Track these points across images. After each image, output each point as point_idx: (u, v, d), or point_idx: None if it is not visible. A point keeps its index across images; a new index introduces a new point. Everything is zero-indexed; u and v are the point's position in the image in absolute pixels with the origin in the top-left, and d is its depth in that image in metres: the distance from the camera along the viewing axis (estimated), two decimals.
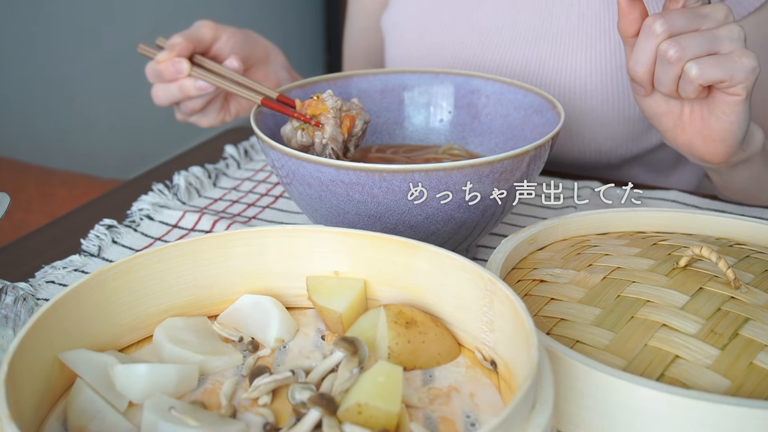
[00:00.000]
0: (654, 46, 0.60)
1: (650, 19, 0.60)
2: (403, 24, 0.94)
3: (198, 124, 0.83)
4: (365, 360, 0.45)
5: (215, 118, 0.82)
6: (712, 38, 0.59)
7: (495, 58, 0.87)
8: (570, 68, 0.84)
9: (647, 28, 0.60)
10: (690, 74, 0.59)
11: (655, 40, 0.60)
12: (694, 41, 0.59)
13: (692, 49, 0.59)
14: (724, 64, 0.59)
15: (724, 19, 0.60)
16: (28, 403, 0.40)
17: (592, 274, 0.52)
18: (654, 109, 0.66)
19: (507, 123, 0.74)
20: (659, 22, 0.59)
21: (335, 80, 0.76)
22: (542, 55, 0.85)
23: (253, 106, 0.68)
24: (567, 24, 0.84)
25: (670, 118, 0.66)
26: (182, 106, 0.79)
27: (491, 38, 0.87)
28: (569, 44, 0.84)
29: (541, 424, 0.36)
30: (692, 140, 0.66)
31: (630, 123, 0.85)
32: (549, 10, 0.85)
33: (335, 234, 0.51)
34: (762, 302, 0.48)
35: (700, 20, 0.59)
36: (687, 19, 0.59)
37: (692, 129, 0.65)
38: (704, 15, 0.60)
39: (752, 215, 0.74)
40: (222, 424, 0.41)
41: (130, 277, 0.48)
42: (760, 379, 0.42)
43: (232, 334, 0.50)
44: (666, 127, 0.67)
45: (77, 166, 1.72)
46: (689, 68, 0.59)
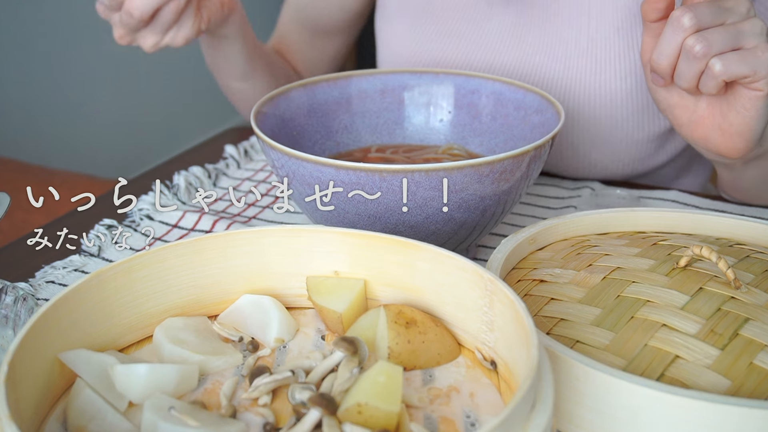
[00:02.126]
0: (681, 40, 0.59)
1: (678, 12, 0.59)
2: (404, 33, 0.91)
3: (173, 43, 0.78)
4: (365, 360, 0.45)
5: (191, 28, 0.77)
6: (736, 33, 0.59)
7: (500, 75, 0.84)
8: (579, 92, 0.82)
9: (675, 21, 0.59)
10: (714, 70, 0.59)
11: (682, 35, 0.59)
12: (720, 37, 0.58)
13: (718, 45, 0.58)
14: (748, 59, 0.58)
15: (747, 13, 0.60)
16: (28, 403, 0.40)
17: (592, 274, 0.52)
18: (668, 101, 0.66)
19: (507, 123, 0.74)
20: (688, 16, 0.58)
21: (335, 80, 0.76)
22: (549, 77, 0.83)
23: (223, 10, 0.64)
24: (576, 48, 0.82)
25: (684, 112, 0.65)
26: (161, 17, 0.74)
27: (496, 57, 0.85)
28: (578, 68, 0.82)
29: (541, 424, 0.36)
30: (709, 135, 0.65)
31: (638, 146, 0.84)
32: (557, 34, 0.82)
33: (335, 234, 0.51)
34: (762, 302, 0.48)
35: (725, 14, 0.59)
36: (713, 14, 0.59)
37: (710, 123, 0.65)
38: (728, 9, 0.59)
39: (752, 215, 0.74)
40: (222, 424, 0.41)
41: (130, 277, 0.48)
42: (760, 379, 0.42)
43: (232, 334, 0.50)
44: (680, 121, 0.66)
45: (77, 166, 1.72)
46: (713, 64, 0.58)
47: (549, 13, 0.82)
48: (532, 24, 0.83)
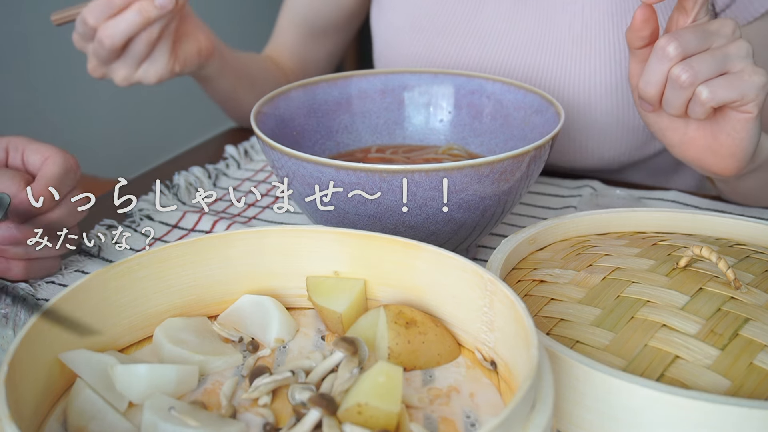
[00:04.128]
0: (666, 69, 0.59)
1: (663, 41, 0.58)
2: (398, 25, 0.92)
3: (145, 80, 0.77)
4: (365, 360, 0.45)
5: (164, 66, 0.76)
6: (722, 58, 0.58)
7: (494, 65, 0.85)
8: (573, 79, 0.82)
9: (660, 51, 0.58)
10: (701, 97, 0.58)
11: (668, 64, 0.58)
12: (706, 63, 0.58)
13: (704, 73, 0.58)
14: (735, 84, 0.58)
15: (732, 34, 0.59)
16: (28, 403, 0.40)
17: (592, 275, 0.52)
18: (658, 124, 0.65)
19: (507, 123, 0.74)
20: (673, 45, 0.58)
21: (335, 80, 0.76)
22: (544, 64, 0.83)
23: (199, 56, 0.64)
24: (570, 34, 0.82)
25: (675, 134, 0.65)
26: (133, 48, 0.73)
27: (491, 45, 0.85)
28: (572, 54, 0.82)
29: (541, 424, 0.36)
30: (701, 155, 0.65)
31: (634, 132, 0.84)
32: (551, 20, 0.83)
33: (335, 234, 0.51)
34: (762, 302, 0.48)
35: (710, 38, 0.58)
36: (698, 39, 0.58)
37: (701, 144, 0.64)
38: (713, 32, 0.59)
39: (752, 215, 0.74)
40: (222, 424, 0.41)
41: (130, 277, 0.48)
42: (760, 379, 0.42)
43: (232, 334, 0.50)
44: (672, 143, 0.66)
45: None
46: (700, 91, 0.58)
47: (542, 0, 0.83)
48: (525, 11, 0.84)
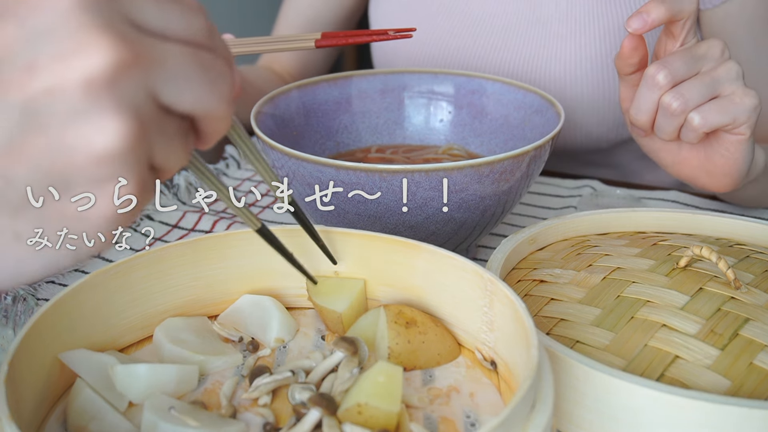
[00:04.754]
0: (657, 97, 0.59)
1: (653, 70, 0.58)
2: (394, 14, 0.94)
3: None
4: (365, 360, 0.45)
5: None
6: (711, 82, 0.58)
7: (486, 46, 0.87)
8: (560, 55, 0.84)
9: (650, 80, 0.59)
10: (693, 124, 0.58)
11: (658, 92, 0.59)
12: (696, 89, 0.58)
13: (695, 99, 0.58)
14: (726, 107, 0.58)
15: (721, 56, 0.59)
16: (28, 403, 0.40)
17: (592, 275, 0.52)
18: (651, 146, 0.66)
19: (507, 123, 0.74)
20: (662, 73, 0.58)
21: (335, 80, 0.76)
22: (533, 42, 0.85)
23: None
24: (556, 10, 0.84)
25: (668, 155, 0.65)
26: None
27: (482, 26, 0.88)
28: (558, 31, 0.84)
29: (541, 424, 0.36)
30: (696, 174, 0.65)
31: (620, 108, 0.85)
32: None
33: (335, 234, 0.51)
34: (762, 302, 0.48)
35: (699, 62, 0.59)
36: (687, 65, 0.58)
37: (695, 164, 0.65)
38: (702, 56, 0.59)
39: (752, 215, 0.74)
40: (222, 424, 0.41)
41: (130, 277, 0.48)
42: (760, 379, 0.42)
43: (232, 334, 0.50)
44: (666, 163, 0.66)
45: None
46: (692, 118, 0.58)
47: None
48: None
